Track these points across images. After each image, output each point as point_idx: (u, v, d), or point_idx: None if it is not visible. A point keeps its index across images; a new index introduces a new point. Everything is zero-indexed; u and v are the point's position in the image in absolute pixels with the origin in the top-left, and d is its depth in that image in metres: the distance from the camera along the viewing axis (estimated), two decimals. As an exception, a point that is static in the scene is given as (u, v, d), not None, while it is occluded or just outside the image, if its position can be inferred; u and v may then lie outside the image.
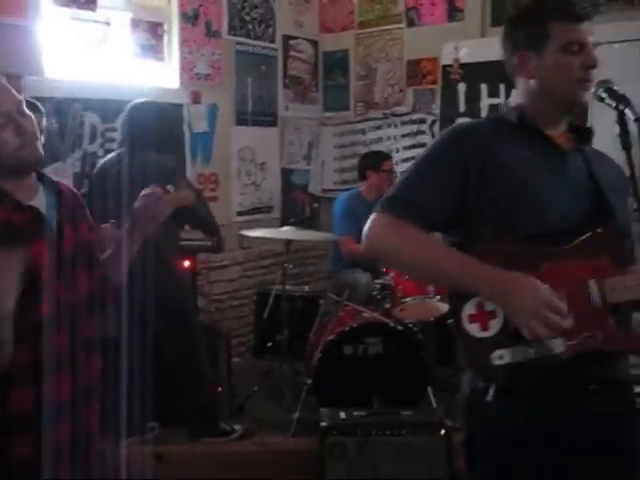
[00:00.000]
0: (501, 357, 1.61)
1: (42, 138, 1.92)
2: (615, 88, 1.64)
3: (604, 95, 1.64)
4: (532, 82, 1.78)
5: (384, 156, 4.98)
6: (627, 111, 1.58)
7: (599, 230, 1.68)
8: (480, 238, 1.74)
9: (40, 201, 1.84)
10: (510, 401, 1.68)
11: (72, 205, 1.93)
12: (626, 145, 1.55)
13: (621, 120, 1.57)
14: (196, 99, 4.95)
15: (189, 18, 4.92)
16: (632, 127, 1.56)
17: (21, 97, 1.82)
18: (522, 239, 1.68)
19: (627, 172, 1.61)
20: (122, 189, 3.42)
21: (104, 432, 1.96)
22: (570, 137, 1.82)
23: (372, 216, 1.77)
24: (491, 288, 1.63)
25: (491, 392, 1.68)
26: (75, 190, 2.03)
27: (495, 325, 1.64)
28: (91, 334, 1.88)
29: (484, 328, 1.65)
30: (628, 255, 1.68)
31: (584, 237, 1.67)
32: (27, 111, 1.81)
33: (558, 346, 1.59)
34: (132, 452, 3.53)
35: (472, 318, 1.66)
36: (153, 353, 3.51)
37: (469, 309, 1.67)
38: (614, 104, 1.61)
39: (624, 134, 1.56)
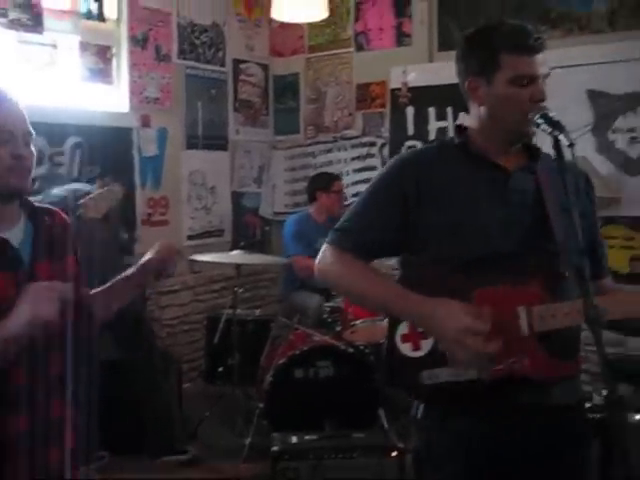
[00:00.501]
0: (429, 377, 1.67)
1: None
2: (550, 114, 1.67)
3: (540, 121, 1.66)
4: (482, 109, 1.81)
5: (334, 177, 5.02)
6: (561, 137, 1.59)
7: (532, 257, 1.71)
8: (420, 262, 1.80)
9: (17, 232, 1.77)
10: (437, 419, 1.76)
11: (55, 237, 1.84)
12: (561, 169, 1.58)
13: (556, 145, 1.60)
14: (146, 123, 4.92)
15: (138, 42, 4.90)
16: (566, 152, 1.59)
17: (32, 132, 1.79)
18: (459, 264, 1.72)
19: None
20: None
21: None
22: (522, 157, 1.83)
23: (322, 247, 1.89)
24: (417, 316, 1.70)
25: (420, 410, 1.77)
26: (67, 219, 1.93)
27: (426, 345, 1.71)
28: (60, 371, 1.75)
29: (416, 348, 1.72)
30: (561, 282, 1.69)
31: (517, 264, 1.70)
32: (32, 146, 1.79)
33: (482, 370, 1.63)
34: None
35: (405, 338, 1.74)
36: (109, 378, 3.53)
37: (403, 329, 1.74)
38: (549, 130, 1.63)
39: (559, 159, 1.59)
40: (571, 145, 1.58)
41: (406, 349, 1.73)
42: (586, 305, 1.44)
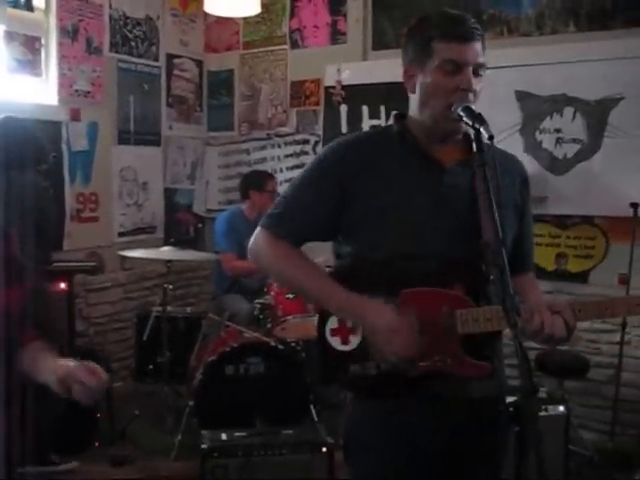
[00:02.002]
0: (357, 370, 1.72)
1: None
2: (472, 107, 1.67)
3: (462, 114, 1.67)
4: (414, 97, 1.81)
5: (267, 176, 5.00)
6: (482, 129, 1.60)
7: (457, 259, 1.72)
8: (351, 253, 1.81)
9: None
10: (364, 409, 1.83)
11: None
12: (481, 162, 1.60)
13: (477, 138, 1.61)
14: (75, 116, 4.82)
15: (68, 33, 4.79)
16: (486, 145, 1.61)
17: None
18: (386, 259, 1.74)
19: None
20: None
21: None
22: (460, 150, 1.81)
23: (255, 231, 1.91)
24: (345, 312, 1.75)
25: (349, 400, 1.84)
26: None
27: (354, 340, 1.75)
28: None
29: (344, 342, 1.75)
30: (485, 285, 1.69)
31: (442, 265, 1.72)
32: None
33: (406, 366, 1.70)
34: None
35: (334, 332, 1.78)
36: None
37: (332, 323, 1.78)
38: (471, 122, 1.63)
39: (479, 151, 1.61)
40: (491, 138, 1.58)
41: (335, 342, 1.77)
42: (504, 297, 1.46)
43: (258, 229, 1.90)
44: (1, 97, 4.38)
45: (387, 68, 4.92)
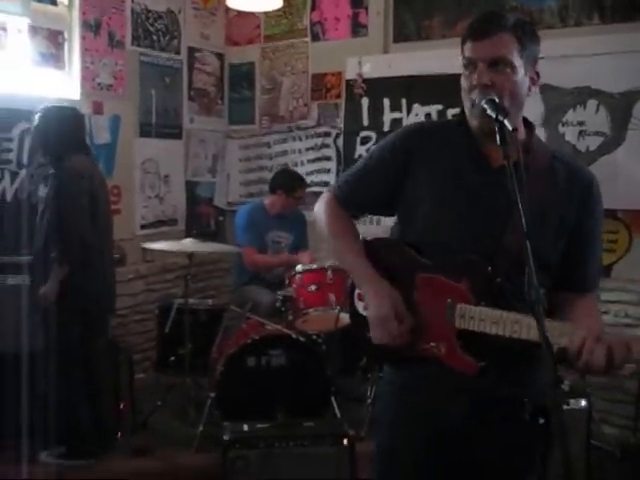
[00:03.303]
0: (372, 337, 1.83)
1: None
2: (496, 100, 1.67)
3: (486, 106, 1.67)
4: None
5: (300, 182, 4.88)
6: (506, 122, 1.60)
7: (472, 256, 1.74)
8: (403, 230, 1.94)
9: None
10: (383, 382, 2.02)
11: None
12: (506, 154, 1.59)
13: (501, 130, 1.61)
14: (98, 110, 4.85)
15: (91, 27, 4.82)
16: (511, 137, 1.61)
17: None
18: (413, 239, 1.86)
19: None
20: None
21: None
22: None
23: (325, 191, 2.08)
24: (361, 286, 1.91)
25: (362, 363, 1.97)
26: None
27: None
28: None
29: (365, 307, 1.87)
30: (492, 287, 1.71)
31: (459, 259, 1.75)
32: None
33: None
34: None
35: (360, 297, 1.94)
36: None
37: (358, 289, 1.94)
38: (494, 115, 1.63)
39: (503, 144, 1.60)
40: (514, 130, 1.59)
41: (360, 307, 1.93)
42: (528, 286, 1.45)
43: (326, 191, 2.08)
44: (25, 90, 4.42)
45: (408, 61, 4.94)
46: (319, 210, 2.05)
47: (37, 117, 3.77)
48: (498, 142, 1.61)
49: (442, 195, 1.81)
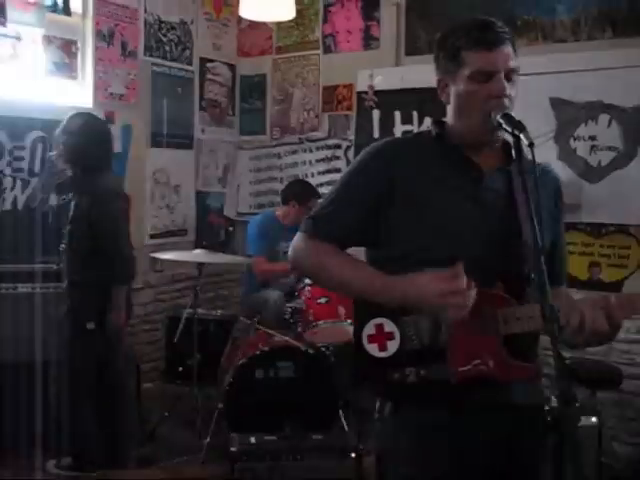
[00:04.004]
0: (396, 377, 1.69)
1: None
2: (511, 114, 1.66)
3: (501, 121, 1.66)
4: (450, 107, 1.81)
5: (313, 193, 4.88)
6: (522, 136, 1.59)
7: (498, 260, 1.70)
8: (388, 257, 1.79)
9: None
10: (404, 420, 1.76)
11: None
12: (521, 169, 1.59)
13: (517, 145, 1.60)
14: (110, 119, 4.86)
15: (104, 37, 4.85)
16: (527, 152, 1.60)
17: None
18: (425, 262, 1.69)
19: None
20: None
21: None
22: (498, 157, 1.80)
23: (296, 236, 1.88)
24: (389, 290, 1.69)
25: (387, 409, 1.77)
26: None
27: (393, 346, 1.71)
28: None
29: (382, 349, 1.71)
30: (525, 285, 1.69)
31: (483, 266, 1.67)
32: None
33: (449, 371, 1.67)
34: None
35: (371, 339, 1.73)
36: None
37: (369, 330, 1.73)
38: (510, 129, 1.62)
39: (519, 158, 1.60)
40: (531, 145, 1.57)
41: (373, 349, 1.72)
42: (543, 304, 1.44)
43: (298, 235, 1.88)
44: (39, 99, 4.44)
45: (420, 74, 4.92)
46: (298, 255, 1.85)
47: (73, 124, 3.61)
48: (514, 156, 1.61)
49: (444, 205, 1.75)
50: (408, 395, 1.72)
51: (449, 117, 1.83)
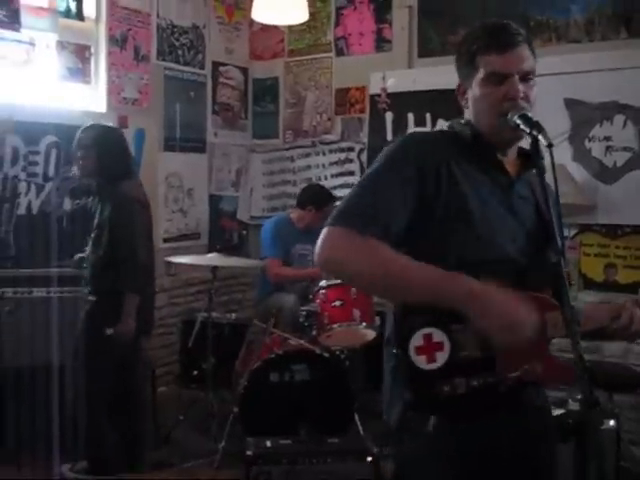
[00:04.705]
0: (447, 390, 1.62)
1: None
2: (529, 115, 1.65)
3: (519, 121, 1.65)
4: (468, 112, 1.81)
5: (330, 198, 4.86)
6: (540, 137, 1.58)
7: (540, 265, 1.70)
8: (421, 258, 1.67)
9: None
10: (452, 429, 1.68)
11: None
12: (540, 171, 1.58)
13: (535, 146, 1.59)
14: (123, 124, 4.87)
15: (117, 42, 4.87)
16: (545, 153, 1.59)
17: None
18: (459, 264, 1.65)
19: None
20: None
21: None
22: (518, 164, 1.80)
23: (324, 230, 1.69)
24: (468, 297, 1.59)
25: (432, 422, 1.67)
26: None
27: (441, 357, 1.64)
28: None
29: (431, 360, 1.64)
30: (565, 290, 1.62)
31: (526, 271, 1.69)
32: None
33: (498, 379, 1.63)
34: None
35: (419, 350, 1.64)
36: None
37: (416, 341, 1.65)
38: (528, 130, 1.62)
39: (537, 159, 1.59)
40: (550, 145, 1.56)
41: (421, 361, 1.64)
42: (563, 306, 1.43)
43: (326, 229, 1.69)
44: (53, 104, 4.46)
45: (433, 76, 4.92)
46: (330, 250, 1.67)
47: (87, 138, 3.64)
48: (532, 157, 1.60)
49: (479, 209, 1.71)
50: (456, 407, 1.65)
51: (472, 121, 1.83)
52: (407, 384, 1.66)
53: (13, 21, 4.18)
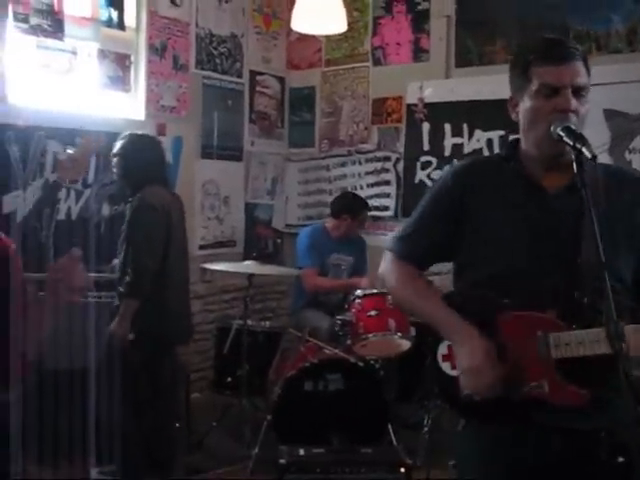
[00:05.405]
0: (466, 395, 1.74)
1: None
2: (573, 127, 1.64)
3: (562, 134, 1.64)
4: (519, 124, 1.82)
5: (364, 206, 4.91)
6: (584, 149, 1.57)
7: (552, 282, 1.70)
8: (461, 272, 1.89)
9: None
10: (474, 437, 1.84)
11: None
12: (583, 183, 1.56)
13: (578, 159, 1.58)
14: (161, 131, 4.93)
15: (157, 50, 4.93)
16: (589, 165, 1.57)
17: None
18: (481, 279, 1.79)
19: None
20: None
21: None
22: (569, 175, 1.73)
23: (385, 253, 2.01)
24: (449, 337, 1.81)
25: (461, 424, 1.86)
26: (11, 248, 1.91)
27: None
28: None
29: (454, 367, 1.79)
30: (579, 309, 1.67)
31: (537, 288, 1.70)
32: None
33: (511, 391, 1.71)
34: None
35: (444, 358, 1.83)
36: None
37: (442, 349, 1.84)
38: (572, 143, 1.61)
39: (580, 172, 1.57)
40: (594, 158, 1.56)
41: (446, 367, 1.82)
42: (607, 321, 1.41)
43: (386, 252, 2.01)
44: (93, 111, 4.53)
45: (470, 86, 4.91)
46: (385, 271, 1.99)
47: (118, 145, 3.76)
48: (575, 170, 1.58)
49: (505, 229, 1.78)
50: (475, 412, 1.77)
51: (521, 135, 1.84)
52: (436, 386, 1.88)
53: (57, 30, 4.25)
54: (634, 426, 1.34)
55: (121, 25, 4.73)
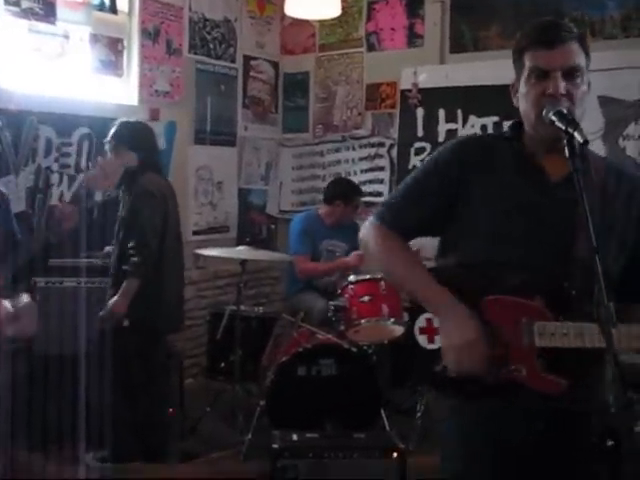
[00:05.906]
0: (439, 369, 1.76)
1: None
2: (564, 111, 1.63)
3: (554, 118, 1.63)
4: (520, 110, 1.82)
5: (357, 191, 4.91)
6: (576, 134, 1.57)
7: (543, 272, 1.70)
8: (446, 250, 1.88)
9: None
10: (450, 410, 1.88)
11: None
12: (575, 167, 1.55)
13: (570, 143, 1.57)
14: (154, 116, 4.91)
15: (150, 35, 4.90)
16: (580, 150, 1.57)
17: None
18: (475, 263, 1.77)
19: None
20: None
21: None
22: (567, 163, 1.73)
23: (368, 220, 1.97)
24: (436, 311, 1.79)
25: (431, 395, 1.88)
26: None
27: (439, 340, 1.80)
28: None
29: (430, 341, 1.81)
30: (569, 300, 1.69)
31: (528, 276, 1.70)
32: None
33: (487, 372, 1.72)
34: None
35: (422, 330, 1.83)
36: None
37: (421, 322, 1.84)
38: (563, 127, 1.60)
39: (572, 156, 1.57)
40: (585, 143, 1.55)
41: (422, 340, 1.82)
42: (598, 305, 1.41)
43: (370, 219, 1.96)
44: (85, 96, 4.50)
45: (464, 71, 4.90)
46: (368, 237, 1.94)
47: (112, 132, 3.79)
48: (567, 154, 1.57)
49: (502, 212, 1.76)
50: (450, 386, 1.78)
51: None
52: (411, 359, 1.88)
53: (48, 14, 4.22)
54: (624, 411, 1.34)
55: (113, 9, 4.68)
